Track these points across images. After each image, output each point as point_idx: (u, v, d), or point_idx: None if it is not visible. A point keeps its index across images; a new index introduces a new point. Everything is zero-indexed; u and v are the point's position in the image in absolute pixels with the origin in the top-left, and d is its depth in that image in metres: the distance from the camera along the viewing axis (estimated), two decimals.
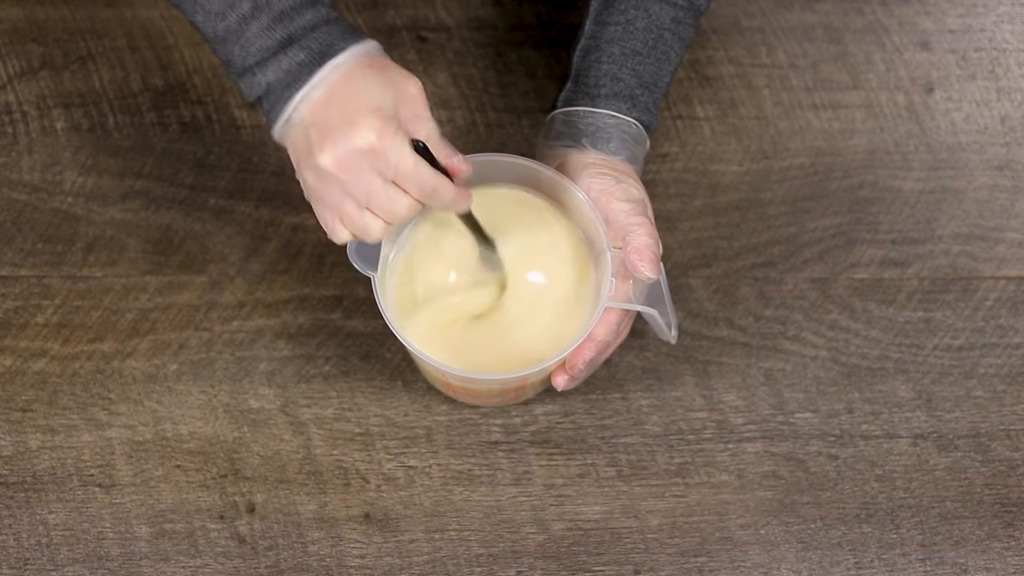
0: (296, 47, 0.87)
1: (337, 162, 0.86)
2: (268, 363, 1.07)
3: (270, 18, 0.87)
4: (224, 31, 0.88)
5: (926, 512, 1.05)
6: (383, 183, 0.86)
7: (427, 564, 1.03)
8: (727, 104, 1.15)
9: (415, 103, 0.88)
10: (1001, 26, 1.18)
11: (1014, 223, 1.12)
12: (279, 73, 0.87)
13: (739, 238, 1.11)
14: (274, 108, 0.88)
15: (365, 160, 0.86)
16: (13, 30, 1.15)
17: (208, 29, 0.89)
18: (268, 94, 0.88)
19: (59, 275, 1.09)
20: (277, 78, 0.87)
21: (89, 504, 1.04)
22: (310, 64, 0.86)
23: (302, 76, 0.86)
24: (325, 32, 0.87)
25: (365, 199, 0.87)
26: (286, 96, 0.87)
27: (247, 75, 0.88)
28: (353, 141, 0.85)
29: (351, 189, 0.87)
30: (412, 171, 0.86)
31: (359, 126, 0.85)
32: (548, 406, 1.06)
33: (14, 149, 1.13)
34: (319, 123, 0.86)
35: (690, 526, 1.04)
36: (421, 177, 0.87)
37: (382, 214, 0.88)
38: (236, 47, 0.88)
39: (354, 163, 0.86)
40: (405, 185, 0.87)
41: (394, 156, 0.85)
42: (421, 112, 0.88)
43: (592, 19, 1.00)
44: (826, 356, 1.08)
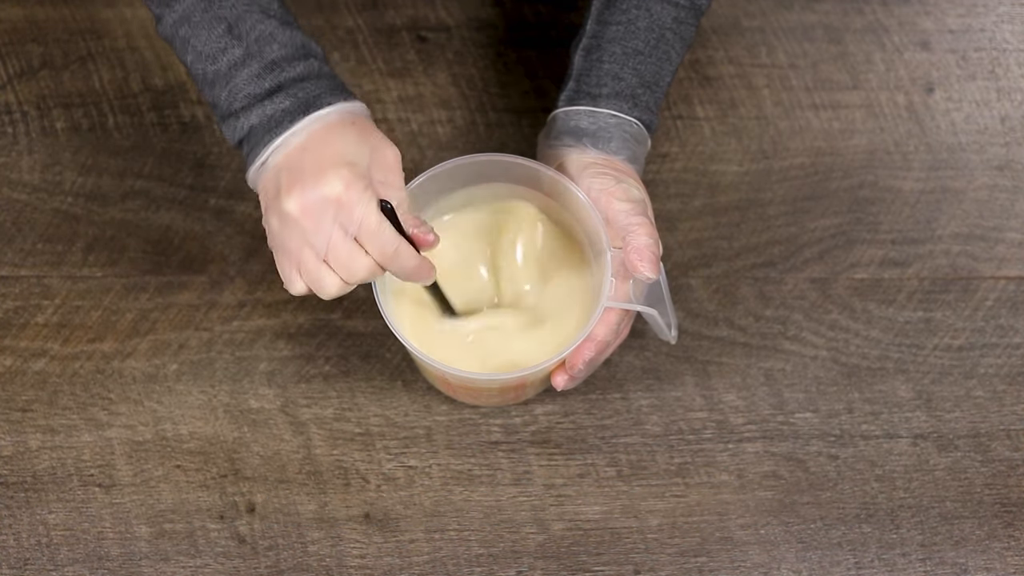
0: (282, 95, 0.87)
1: (302, 207, 0.85)
2: (268, 363, 1.07)
3: (260, 66, 0.87)
4: (213, 74, 0.89)
5: (926, 512, 1.05)
6: (344, 237, 0.85)
7: (427, 564, 1.03)
8: (727, 104, 1.15)
9: (391, 170, 0.88)
10: (1001, 26, 1.18)
11: (1014, 223, 1.12)
12: (262, 118, 0.87)
13: (739, 238, 1.11)
14: (252, 151, 0.88)
15: (330, 209, 0.85)
16: (13, 30, 1.15)
17: (197, 70, 0.89)
18: (249, 137, 0.88)
19: (59, 275, 1.09)
20: (259, 122, 0.87)
21: (89, 504, 1.04)
22: (293, 112, 0.87)
23: (283, 122, 0.87)
24: (314, 85, 0.88)
25: (324, 250, 0.86)
26: (265, 140, 0.87)
27: (231, 119, 0.88)
28: (321, 189, 0.85)
29: (311, 237, 0.86)
30: (375, 230, 0.86)
31: (329, 175, 0.85)
32: (548, 406, 1.07)
33: (14, 149, 1.13)
34: (291, 168, 0.86)
35: (690, 526, 1.04)
36: (384, 238, 0.86)
37: (340, 271, 0.87)
38: (224, 92, 0.88)
39: (318, 211, 0.85)
40: (367, 243, 0.86)
41: (359, 211, 0.85)
42: (395, 181, 0.88)
43: (594, 18, 1.00)
44: (826, 356, 1.08)
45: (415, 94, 1.15)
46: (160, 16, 0.90)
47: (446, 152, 1.13)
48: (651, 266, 0.93)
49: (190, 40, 0.89)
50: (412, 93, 1.15)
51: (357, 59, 1.15)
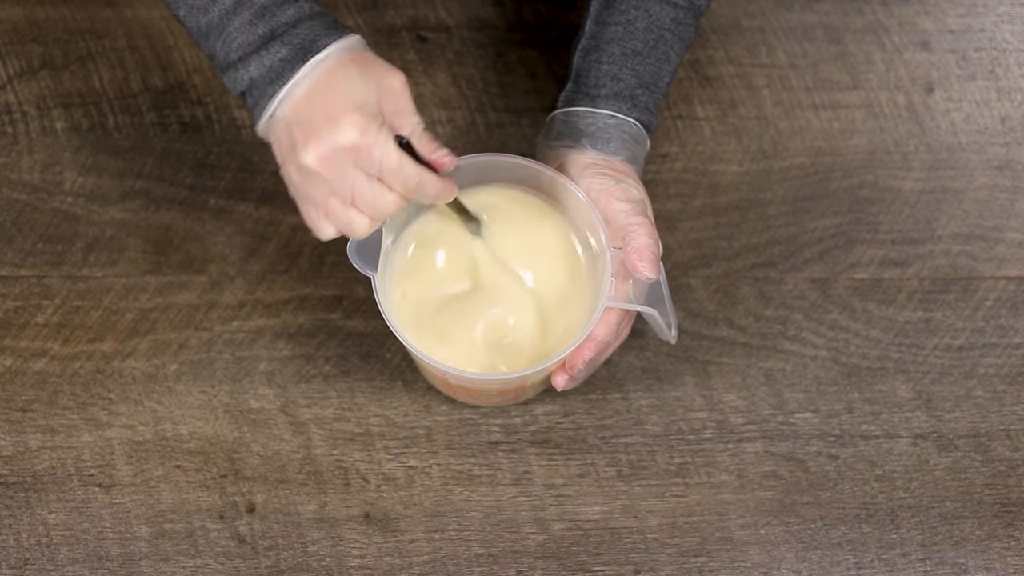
0: (278, 43, 0.87)
1: (321, 160, 0.86)
2: (268, 363, 1.07)
3: (252, 13, 0.87)
4: (206, 25, 0.89)
5: (926, 512, 1.05)
6: (368, 180, 0.86)
7: (427, 564, 1.03)
8: (727, 104, 1.15)
9: (399, 97, 0.88)
10: (1001, 26, 1.18)
11: (1014, 223, 1.12)
12: (261, 69, 0.87)
13: (739, 238, 1.11)
14: (257, 104, 0.88)
15: (348, 157, 0.86)
16: (13, 30, 1.15)
17: (191, 23, 0.89)
18: (251, 90, 0.88)
19: (59, 275, 1.09)
20: (260, 74, 0.87)
21: (89, 504, 1.04)
22: (292, 60, 0.87)
23: (284, 73, 0.87)
24: (307, 28, 0.87)
25: (350, 196, 0.87)
26: (269, 92, 0.87)
27: (230, 70, 0.88)
28: (336, 139, 0.85)
29: (336, 187, 0.87)
30: (396, 167, 0.86)
31: (341, 124, 0.85)
32: (548, 406, 1.06)
33: (14, 149, 1.13)
34: (302, 121, 0.86)
35: (690, 526, 1.04)
36: (406, 173, 0.87)
37: (368, 211, 0.88)
38: (218, 42, 0.88)
39: (338, 161, 0.86)
40: (390, 181, 0.87)
41: (378, 152, 0.86)
42: (405, 107, 0.88)
43: (593, 19, 1.00)
44: (826, 356, 1.08)
45: (415, 94, 1.13)
46: None
47: None
48: (651, 266, 0.93)
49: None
50: (412, 93, 1.14)
51: None
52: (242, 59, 0.88)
